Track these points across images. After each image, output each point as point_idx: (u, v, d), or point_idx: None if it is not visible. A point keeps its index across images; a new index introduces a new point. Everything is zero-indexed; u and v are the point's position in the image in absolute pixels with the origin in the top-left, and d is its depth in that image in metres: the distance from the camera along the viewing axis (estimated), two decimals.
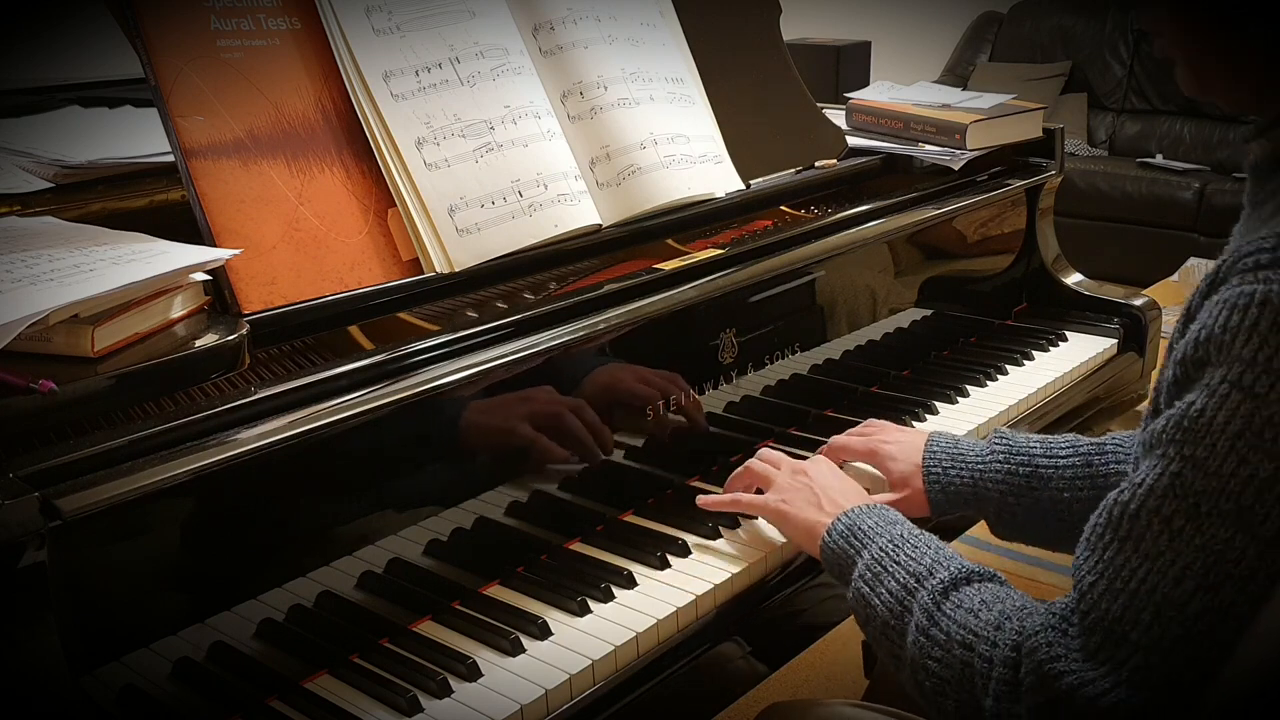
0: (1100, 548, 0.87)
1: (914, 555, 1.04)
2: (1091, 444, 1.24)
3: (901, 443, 1.30)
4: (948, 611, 0.97)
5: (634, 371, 1.29)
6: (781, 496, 1.20)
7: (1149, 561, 0.84)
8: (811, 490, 1.19)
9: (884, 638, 1.02)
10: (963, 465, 1.25)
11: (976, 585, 0.99)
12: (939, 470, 1.26)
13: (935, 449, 1.27)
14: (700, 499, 1.27)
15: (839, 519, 1.12)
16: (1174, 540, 0.82)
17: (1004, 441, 1.25)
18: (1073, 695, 0.85)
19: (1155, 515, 0.83)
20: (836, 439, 1.37)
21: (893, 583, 1.03)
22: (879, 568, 1.04)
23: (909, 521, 1.11)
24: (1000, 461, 1.24)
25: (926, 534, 1.07)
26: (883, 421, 1.39)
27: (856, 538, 1.09)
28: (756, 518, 1.28)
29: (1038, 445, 1.24)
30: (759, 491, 1.26)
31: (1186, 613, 0.82)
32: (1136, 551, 0.84)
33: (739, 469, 1.29)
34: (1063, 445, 1.24)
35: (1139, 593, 0.84)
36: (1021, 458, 1.23)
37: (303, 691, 1.01)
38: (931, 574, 1.01)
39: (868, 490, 1.25)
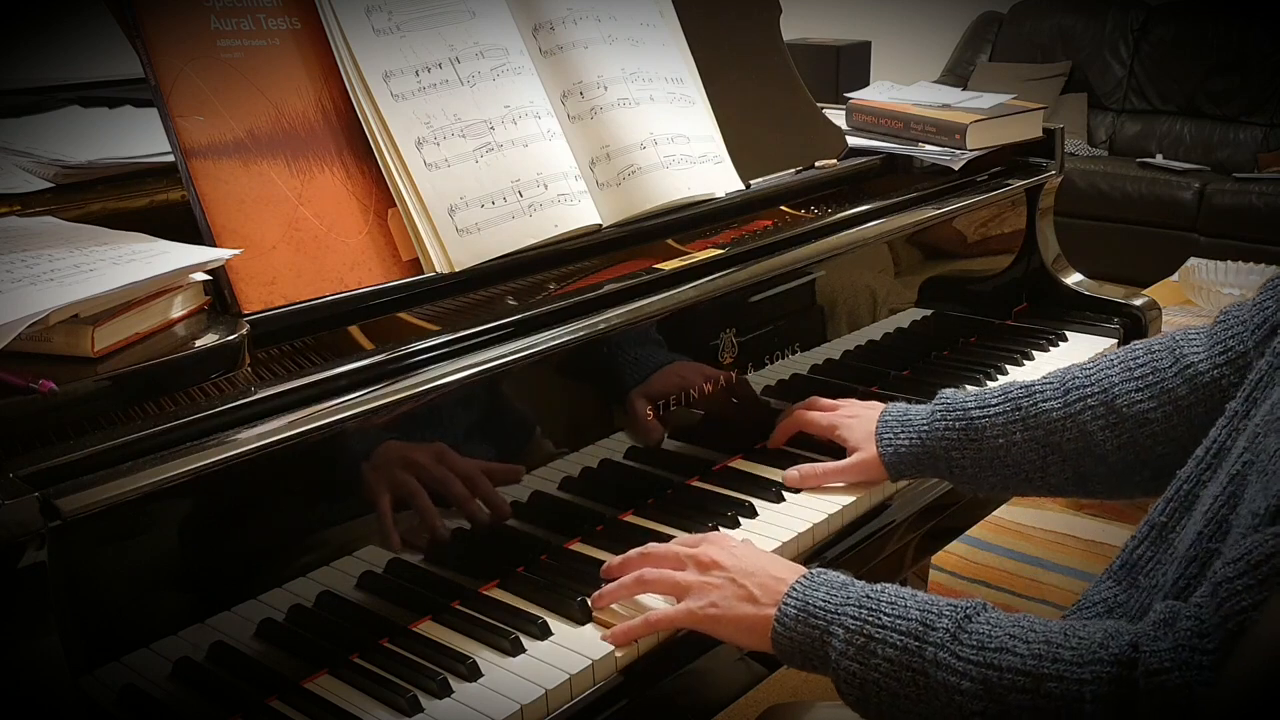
0: (1262, 579, 0.79)
1: (896, 613, 0.96)
2: (1021, 388, 1.29)
3: (860, 416, 1.38)
4: (970, 657, 0.90)
5: (682, 365, 1.32)
6: (706, 600, 1.05)
7: None
8: (734, 582, 1.05)
9: (896, 709, 0.94)
10: (911, 429, 1.32)
11: (982, 619, 0.93)
12: (890, 435, 1.32)
13: (887, 417, 1.34)
14: (597, 596, 1.10)
15: (785, 604, 1.01)
16: None
17: (943, 401, 1.32)
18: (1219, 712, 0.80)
19: None
20: (800, 412, 1.42)
21: (888, 650, 0.94)
22: (862, 639, 0.95)
23: (855, 579, 1.02)
24: (939, 419, 1.30)
25: (890, 587, 0.99)
26: (851, 400, 1.44)
27: (816, 617, 0.99)
28: (757, 516, 1.28)
29: (973, 400, 1.31)
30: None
31: None
32: None
33: (622, 581, 1.10)
34: (994, 395, 1.30)
35: None
36: (958, 413, 1.30)
37: (303, 691, 1.01)
38: (928, 625, 0.93)
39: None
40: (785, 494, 1.33)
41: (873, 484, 1.34)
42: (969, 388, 1.60)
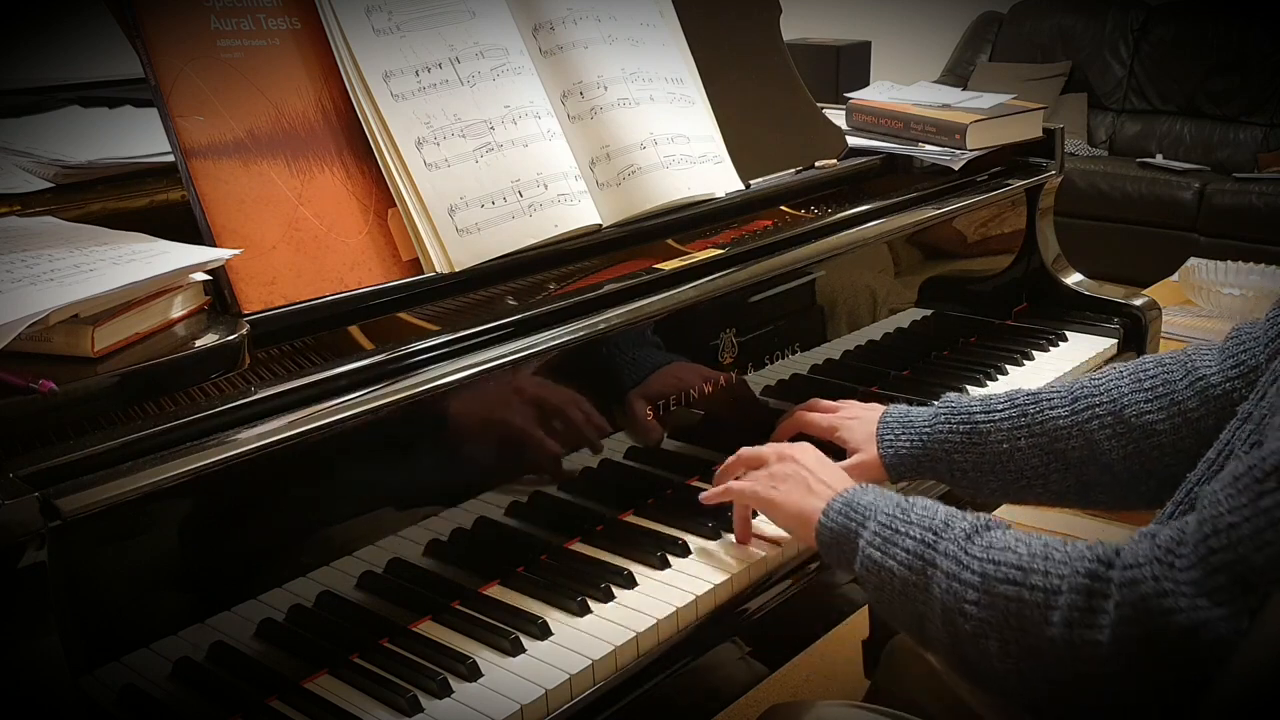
0: (1256, 493, 0.82)
1: (925, 513, 1.03)
2: (1028, 395, 1.29)
3: (861, 417, 1.37)
4: (977, 554, 0.96)
5: (679, 365, 1.32)
6: (772, 483, 1.19)
7: None
8: (800, 475, 1.18)
9: (904, 597, 1.01)
10: (912, 430, 1.31)
11: (998, 530, 0.99)
12: (891, 436, 1.32)
13: (888, 418, 1.34)
14: (702, 495, 1.25)
15: (835, 500, 1.11)
16: None
17: (948, 404, 1.32)
18: (1186, 633, 0.83)
19: None
20: (801, 413, 1.41)
21: (908, 541, 1.01)
22: (889, 531, 1.03)
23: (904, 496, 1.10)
24: (943, 422, 1.30)
25: (926, 498, 1.07)
26: (851, 401, 1.43)
27: (857, 511, 1.08)
28: (757, 515, 1.28)
29: (978, 404, 1.30)
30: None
31: None
32: None
33: (728, 460, 1.28)
34: (1000, 400, 1.29)
35: None
36: (962, 415, 1.29)
37: (303, 691, 1.01)
38: (949, 525, 1.00)
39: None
40: None
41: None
42: (973, 390, 1.61)
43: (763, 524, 1.25)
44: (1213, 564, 0.83)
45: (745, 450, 1.26)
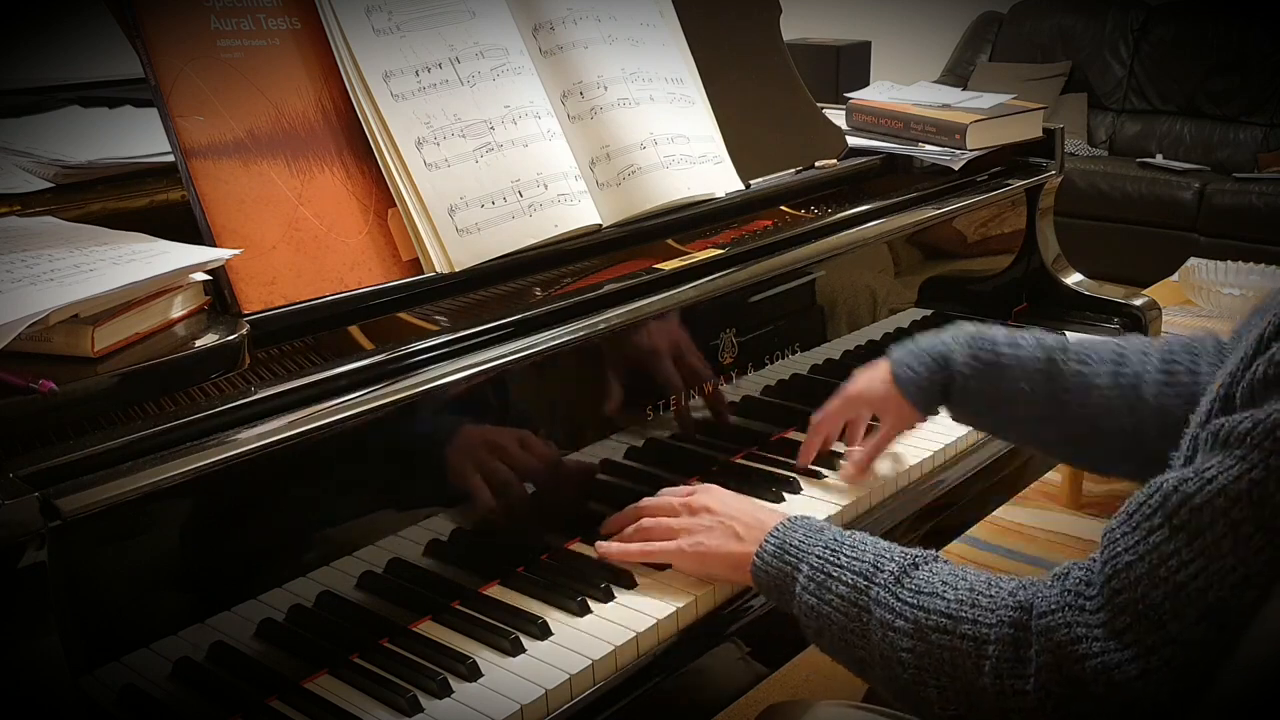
0: (1147, 530, 0.84)
1: (854, 555, 1.03)
2: (1055, 340, 1.28)
3: (869, 380, 1.37)
4: (907, 599, 0.97)
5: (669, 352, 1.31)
6: (696, 540, 1.16)
7: (1206, 560, 0.81)
8: (722, 524, 1.16)
9: (843, 644, 1.02)
10: (927, 356, 1.31)
11: (927, 568, 0.99)
12: (907, 371, 1.31)
13: (898, 352, 1.34)
14: (600, 546, 1.20)
15: (766, 542, 1.10)
16: (1239, 546, 0.80)
17: (968, 330, 1.31)
18: (1098, 676, 0.84)
19: (1223, 516, 0.81)
20: (815, 421, 1.40)
21: (840, 586, 1.02)
22: (822, 575, 1.03)
23: (835, 526, 1.10)
24: (965, 345, 1.29)
25: (859, 534, 1.07)
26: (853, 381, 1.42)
27: (790, 554, 1.07)
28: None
29: (1002, 333, 1.29)
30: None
31: (1234, 618, 0.80)
32: (1190, 546, 0.82)
33: (627, 510, 1.24)
34: (1027, 337, 1.28)
35: (1188, 588, 0.82)
36: (985, 342, 1.28)
37: (303, 691, 1.01)
38: (878, 568, 1.00)
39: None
40: (785, 495, 1.33)
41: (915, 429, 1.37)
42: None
43: None
44: (1117, 605, 0.85)
45: (647, 502, 1.23)
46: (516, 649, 1.05)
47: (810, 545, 1.06)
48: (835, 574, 1.02)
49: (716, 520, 1.16)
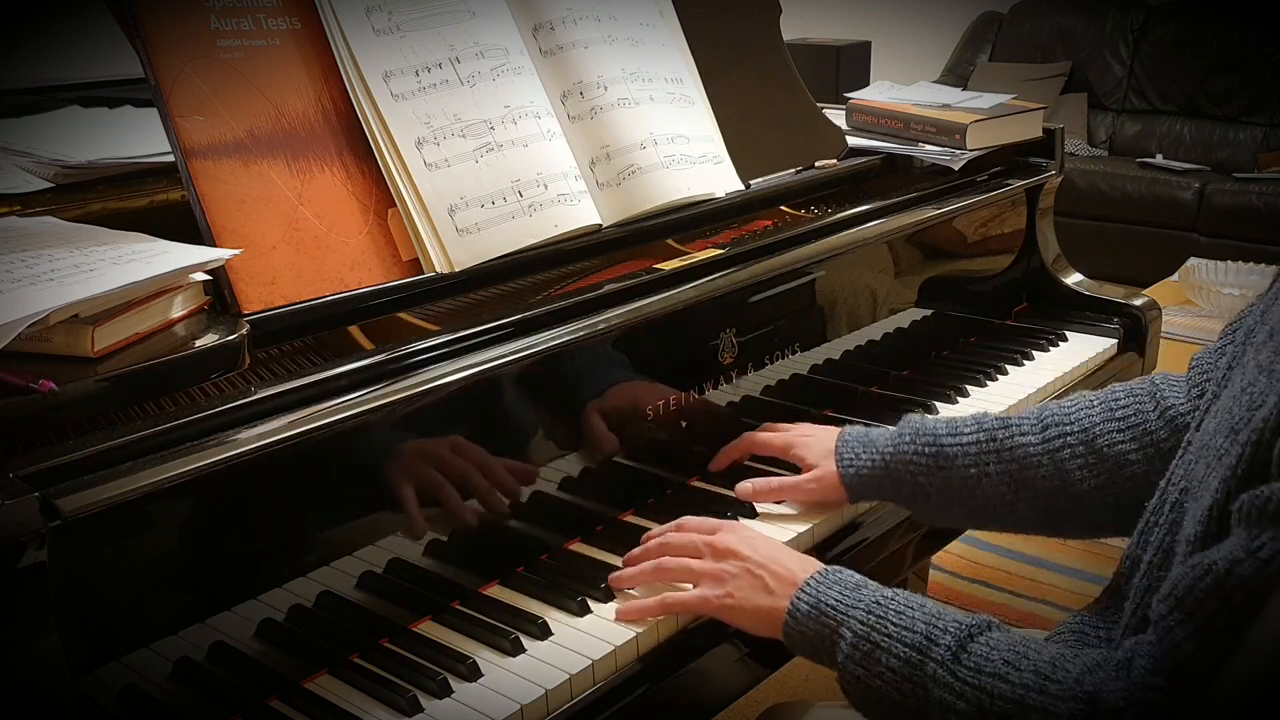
0: (1205, 615, 0.81)
1: (903, 623, 0.98)
2: (996, 420, 1.25)
3: (817, 435, 1.33)
4: (968, 679, 0.92)
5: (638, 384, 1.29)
6: (723, 590, 1.08)
7: (1273, 643, 0.76)
8: (749, 572, 1.08)
9: (895, 717, 0.97)
10: (873, 449, 1.27)
11: (984, 640, 0.95)
12: (851, 455, 1.27)
13: (848, 436, 1.30)
14: (616, 580, 1.13)
15: (798, 598, 1.03)
16: None
17: (911, 425, 1.27)
18: None
19: None
20: (751, 435, 1.38)
21: (892, 660, 0.96)
22: (869, 645, 0.98)
23: (872, 581, 1.04)
24: (908, 443, 1.25)
25: (901, 593, 1.01)
26: (804, 423, 1.40)
27: (828, 616, 1.01)
28: (756, 516, 1.28)
29: (944, 425, 1.26)
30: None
31: None
32: (1256, 630, 0.78)
33: (641, 567, 1.14)
34: (968, 423, 1.25)
35: (1256, 674, 0.77)
36: (927, 438, 1.25)
37: (303, 691, 1.01)
38: (932, 640, 0.95)
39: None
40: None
41: (829, 505, 1.30)
42: (973, 390, 1.60)
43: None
44: (1185, 697, 0.83)
45: (671, 537, 1.16)
46: (516, 649, 1.05)
47: (849, 607, 1.01)
48: (884, 644, 0.97)
49: (743, 567, 1.09)
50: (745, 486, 1.30)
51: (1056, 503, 1.21)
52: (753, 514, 1.29)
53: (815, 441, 1.32)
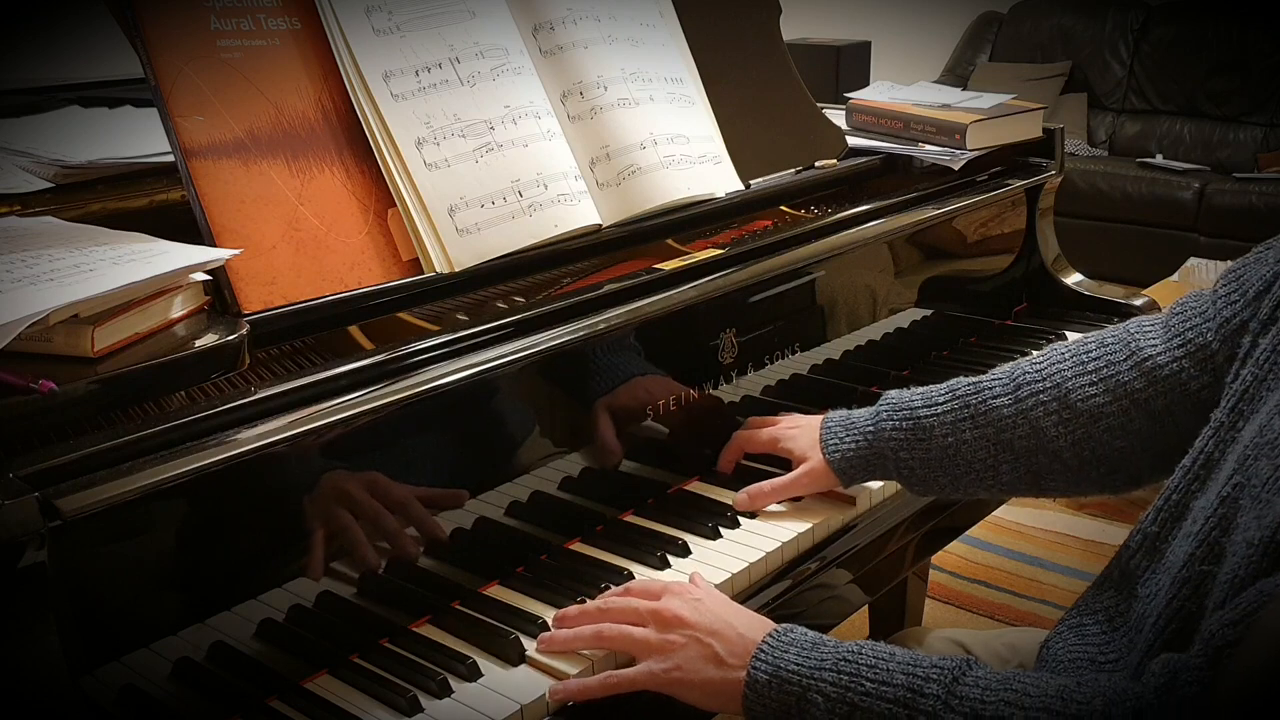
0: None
1: (879, 678, 0.93)
2: (969, 384, 1.25)
3: (801, 425, 1.34)
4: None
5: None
6: (670, 662, 0.99)
7: None
8: (698, 641, 0.99)
9: None
10: (855, 431, 1.28)
11: (969, 680, 0.91)
12: (835, 441, 1.28)
13: (830, 422, 1.31)
14: (546, 645, 1.04)
15: (755, 668, 0.96)
16: None
17: (888, 401, 1.28)
18: None
19: None
20: (740, 433, 1.38)
21: (876, 718, 0.92)
22: (846, 707, 0.92)
23: (828, 637, 0.99)
24: (886, 420, 1.26)
25: (864, 644, 0.97)
26: (791, 414, 1.40)
27: (790, 683, 0.95)
28: (755, 516, 1.28)
29: (919, 397, 1.26)
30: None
31: None
32: None
33: (578, 632, 1.04)
34: (942, 393, 1.25)
35: None
36: (904, 412, 1.26)
37: (303, 691, 1.01)
38: (916, 691, 0.91)
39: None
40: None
41: (831, 492, 1.31)
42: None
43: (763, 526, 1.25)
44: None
45: (611, 603, 1.06)
46: (517, 649, 1.05)
47: (813, 669, 0.95)
48: (864, 703, 0.92)
49: (691, 636, 1.00)
50: (742, 498, 1.29)
51: (1036, 461, 1.21)
52: (752, 514, 1.29)
53: (800, 433, 1.33)
